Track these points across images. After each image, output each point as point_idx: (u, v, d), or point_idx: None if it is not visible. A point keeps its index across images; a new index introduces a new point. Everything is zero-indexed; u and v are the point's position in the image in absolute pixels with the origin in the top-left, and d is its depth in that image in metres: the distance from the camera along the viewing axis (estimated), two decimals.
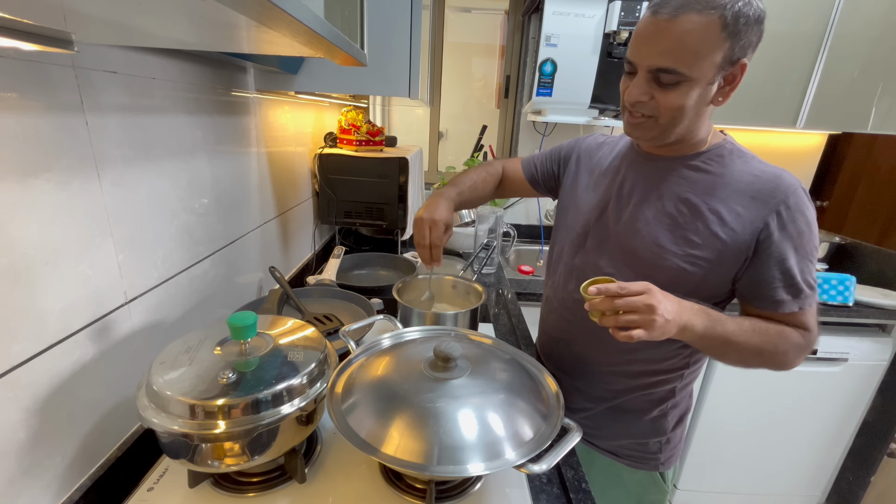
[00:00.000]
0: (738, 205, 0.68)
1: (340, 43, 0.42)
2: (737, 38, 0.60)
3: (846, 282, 1.46)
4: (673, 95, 0.63)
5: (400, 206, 1.41)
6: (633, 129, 0.71)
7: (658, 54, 0.61)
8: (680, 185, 0.72)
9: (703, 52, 0.60)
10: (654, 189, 0.74)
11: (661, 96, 0.64)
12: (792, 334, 0.68)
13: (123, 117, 0.61)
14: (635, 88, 0.65)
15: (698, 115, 0.67)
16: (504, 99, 2.04)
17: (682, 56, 0.60)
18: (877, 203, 1.76)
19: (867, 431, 1.62)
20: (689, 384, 0.84)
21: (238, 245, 0.96)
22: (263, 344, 0.61)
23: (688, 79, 0.62)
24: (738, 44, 0.61)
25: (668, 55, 0.61)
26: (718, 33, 0.59)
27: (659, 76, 0.63)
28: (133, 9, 0.34)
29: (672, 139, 0.70)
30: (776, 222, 0.66)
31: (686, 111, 0.65)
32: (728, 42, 0.60)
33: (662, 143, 0.72)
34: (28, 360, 0.48)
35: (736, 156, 0.71)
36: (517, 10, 1.90)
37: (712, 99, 0.65)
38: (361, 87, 1.00)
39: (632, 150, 0.81)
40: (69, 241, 0.53)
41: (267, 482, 0.61)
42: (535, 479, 0.67)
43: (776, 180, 0.67)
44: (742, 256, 0.68)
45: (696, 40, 0.59)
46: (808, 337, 0.69)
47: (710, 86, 0.64)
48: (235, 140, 0.93)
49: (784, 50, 1.48)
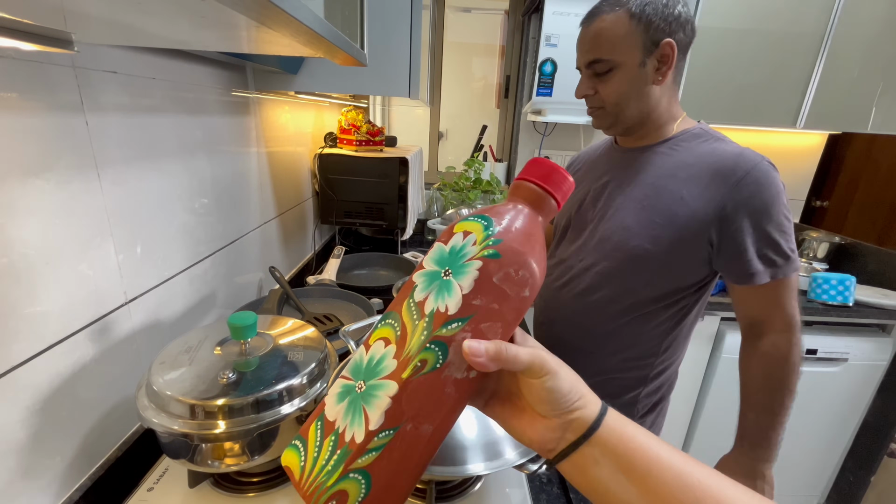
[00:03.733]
0: (699, 184, 0.72)
1: (340, 43, 0.42)
2: (648, 23, 0.70)
3: (846, 282, 1.46)
4: (610, 83, 0.74)
5: (400, 206, 1.41)
6: (594, 121, 0.81)
7: (587, 52, 0.74)
8: (647, 172, 0.78)
9: (618, 40, 0.71)
10: (625, 178, 0.80)
11: (601, 87, 0.75)
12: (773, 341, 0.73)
13: (123, 117, 0.61)
14: (581, 85, 0.78)
15: (643, 96, 0.74)
16: (504, 99, 2.04)
17: (602, 46, 0.72)
18: (877, 203, 1.76)
19: (867, 431, 1.62)
20: (665, 372, 0.86)
21: (238, 245, 0.96)
22: (263, 344, 0.61)
23: (615, 64, 0.72)
24: (652, 27, 0.70)
25: (593, 49, 0.73)
26: (627, 22, 0.70)
27: (594, 68, 0.74)
28: (133, 9, 0.34)
29: (631, 123, 0.77)
30: (737, 197, 0.69)
31: (626, 94, 0.74)
32: (640, 27, 0.70)
33: (624, 130, 0.79)
34: (28, 360, 0.48)
35: (703, 139, 0.76)
36: (517, 10, 1.90)
37: (652, 79, 0.73)
38: (361, 87, 1.00)
39: (611, 146, 0.88)
40: (69, 241, 0.53)
41: (267, 482, 0.61)
42: (535, 479, 0.67)
43: (736, 158, 0.71)
44: (705, 235, 0.72)
45: (610, 32, 0.71)
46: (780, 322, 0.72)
47: (643, 68, 0.72)
48: (235, 140, 0.93)
49: (784, 50, 1.48)
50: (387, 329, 0.29)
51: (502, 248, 0.28)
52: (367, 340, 0.30)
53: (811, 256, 1.78)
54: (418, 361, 0.27)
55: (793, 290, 0.72)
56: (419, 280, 0.29)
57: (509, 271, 0.28)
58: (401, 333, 0.28)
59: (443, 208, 1.98)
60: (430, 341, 0.27)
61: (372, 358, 0.28)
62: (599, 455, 0.27)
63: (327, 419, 0.28)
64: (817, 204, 1.99)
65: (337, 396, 0.28)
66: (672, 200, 0.73)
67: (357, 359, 0.29)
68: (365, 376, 0.28)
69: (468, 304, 0.27)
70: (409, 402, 0.26)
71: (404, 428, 0.26)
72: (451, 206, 1.91)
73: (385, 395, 0.27)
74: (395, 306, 0.30)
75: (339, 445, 0.27)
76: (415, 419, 0.27)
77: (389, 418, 0.26)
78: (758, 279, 0.70)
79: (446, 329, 0.27)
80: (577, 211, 0.87)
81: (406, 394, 0.26)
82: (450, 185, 1.93)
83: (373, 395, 0.27)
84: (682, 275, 0.76)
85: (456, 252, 0.29)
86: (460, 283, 0.27)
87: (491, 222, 0.29)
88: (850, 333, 1.51)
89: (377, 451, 0.26)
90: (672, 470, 0.26)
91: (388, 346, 0.28)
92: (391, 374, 0.27)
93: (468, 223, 0.30)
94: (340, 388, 0.29)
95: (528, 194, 0.31)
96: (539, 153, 1.91)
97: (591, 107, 0.79)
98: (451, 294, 0.27)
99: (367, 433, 0.26)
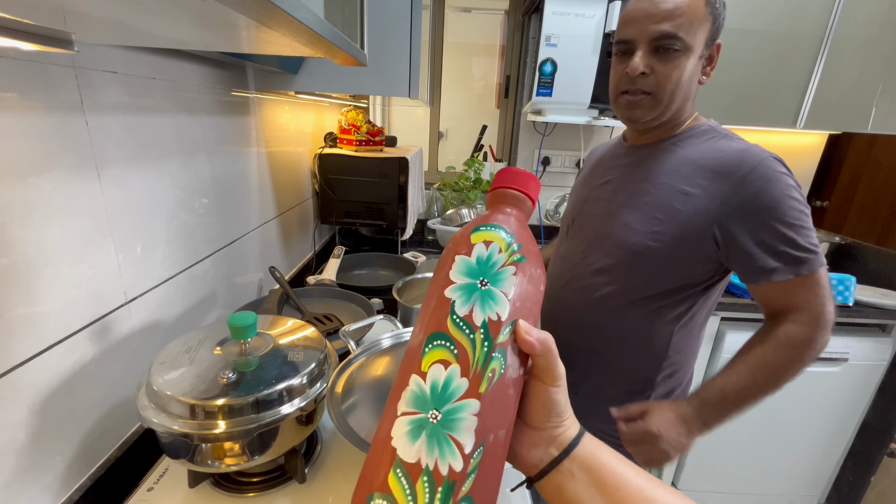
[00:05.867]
0: (703, 180, 0.69)
1: (340, 43, 0.42)
2: (716, 16, 0.68)
3: (846, 282, 1.46)
4: (671, 65, 0.68)
5: (400, 206, 1.41)
6: (633, 109, 0.73)
7: (658, 22, 0.66)
8: (650, 168, 0.76)
9: (695, 21, 0.66)
10: (628, 175, 0.79)
11: (660, 67, 0.68)
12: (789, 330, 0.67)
13: (123, 117, 0.61)
14: (639, 59, 0.68)
15: (689, 94, 0.72)
16: (504, 99, 2.04)
17: (681, 21, 0.66)
18: (877, 203, 1.76)
19: (867, 431, 1.62)
20: (674, 376, 0.83)
21: (238, 245, 0.96)
22: (263, 344, 0.61)
23: (686, 46, 0.67)
24: (717, 22, 0.68)
25: (668, 20, 0.66)
26: (703, 7, 0.66)
27: (661, 44, 0.67)
28: (133, 9, 0.34)
29: (669, 115, 0.73)
30: (742, 194, 0.66)
31: (682, 84, 0.69)
32: (711, 18, 0.67)
33: (657, 123, 0.75)
34: (28, 360, 0.48)
35: (710, 136, 0.74)
36: (517, 10, 1.90)
37: (701, 76, 0.71)
38: (361, 87, 1.00)
39: (618, 144, 0.86)
40: (69, 241, 0.53)
41: (267, 482, 0.61)
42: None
43: (741, 154, 0.68)
44: (709, 232, 0.69)
45: (690, 9, 0.66)
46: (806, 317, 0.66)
47: (700, 60, 0.69)
48: (235, 140, 0.93)
49: (784, 50, 1.48)
50: (440, 351, 0.28)
51: (525, 252, 0.30)
52: (417, 368, 0.28)
53: None
54: (489, 372, 0.27)
55: (821, 286, 0.66)
56: (455, 295, 0.29)
57: (533, 271, 0.30)
58: (459, 351, 0.27)
59: (443, 208, 1.98)
60: (494, 351, 0.28)
61: (436, 384, 0.27)
62: (577, 470, 0.29)
63: (407, 462, 0.26)
64: (817, 204, 1.99)
65: (409, 436, 0.26)
66: (674, 197, 0.71)
67: (415, 390, 0.27)
68: (436, 404, 0.27)
69: (514, 308, 0.29)
70: (490, 414, 0.27)
71: (489, 441, 0.27)
72: (451, 206, 1.91)
73: (469, 414, 0.26)
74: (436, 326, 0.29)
75: (437, 483, 0.25)
76: (495, 429, 0.27)
77: (478, 436, 0.26)
78: (776, 276, 0.66)
79: (503, 335, 0.28)
80: (581, 209, 0.86)
81: (486, 407, 0.27)
82: (450, 185, 1.93)
83: (455, 420, 0.26)
84: (686, 272, 0.73)
85: (484, 262, 0.30)
86: (503, 290, 0.29)
87: (505, 229, 0.31)
88: (850, 333, 1.51)
89: (474, 472, 0.26)
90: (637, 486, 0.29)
91: (451, 367, 0.27)
92: (467, 392, 0.27)
93: (484, 233, 0.31)
94: (410, 426, 0.26)
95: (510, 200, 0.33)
96: (539, 153, 1.91)
97: (637, 90, 0.71)
98: (498, 301, 0.29)
99: (464, 458, 0.25)
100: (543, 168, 1.93)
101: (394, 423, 0.27)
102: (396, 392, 0.28)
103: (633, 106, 0.73)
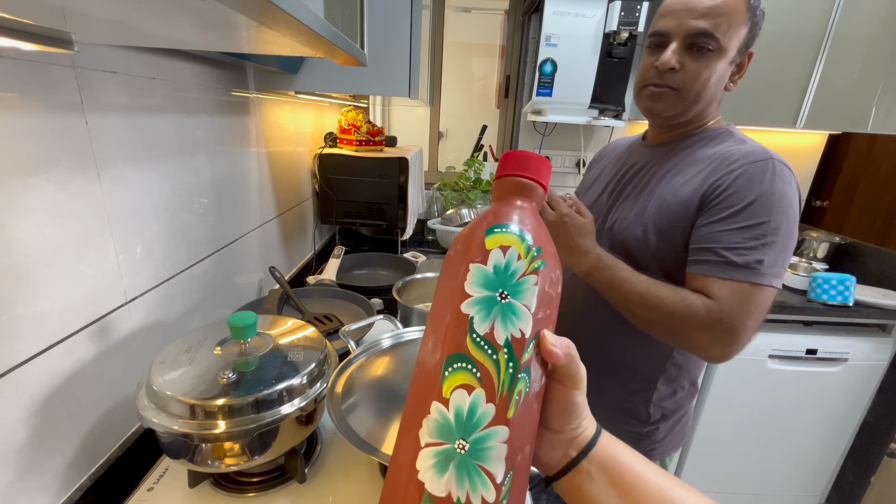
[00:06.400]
0: (696, 175, 0.71)
1: (340, 43, 0.42)
2: (754, 22, 0.66)
3: (846, 282, 1.46)
4: (702, 64, 0.67)
5: (400, 206, 1.41)
6: (656, 101, 0.72)
7: (697, 18, 0.65)
8: (659, 166, 0.77)
9: (733, 23, 0.65)
10: (639, 171, 0.80)
11: (691, 65, 0.67)
12: (690, 296, 0.65)
13: (123, 117, 0.61)
14: (671, 54, 0.68)
15: (714, 98, 0.71)
16: (504, 99, 2.04)
17: (718, 21, 0.64)
18: (877, 203, 1.76)
19: (867, 431, 1.62)
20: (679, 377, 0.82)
21: (238, 245, 0.96)
22: (263, 344, 0.61)
23: (719, 47, 0.65)
24: (754, 30, 0.67)
25: (706, 18, 0.65)
26: (744, 10, 0.65)
27: (696, 41, 0.66)
28: (133, 9, 0.34)
29: (687, 117, 0.73)
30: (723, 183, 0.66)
31: (710, 86, 0.68)
32: (749, 23, 0.66)
33: (677, 122, 0.74)
34: (28, 360, 0.48)
35: (723, 138, 0.73)
36: (517, 10, 1.90)
37: (728, 81, 0.70)
38: (361, 87, 1.00)
39: (636, 142, 0.86)
40: (69, 241, 0.53)
41: (267, 482, 0.61)
42: (535, 479, 0.67)
43: (739, 154, 0.67)
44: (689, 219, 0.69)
45: (730, 10, 0.64)
46: (712, 305, 0.63)
47: (731, 65, 0.68)
48: (235, 140, 0.93)
49: (784, 50, 1.48)
50: (462, 375, 0.26)
51: (544, 256, 0.28)
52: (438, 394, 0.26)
53: (811, 256, 1.77)
54: (517, 395, 0.26)
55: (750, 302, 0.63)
56: (473, 310, 0.27)
57: (552, 275, 0.28)
58: (482, 374, 0.26)
59: (443, 208, 1.98)
60: (519, 372, 0.26)
61: (460, 412, 0.25)
62: (595, 470, 0.29)
63: (437, 497, 0.24)
64: (817, 204, 1.99)
65: (436, 468, 0.25)
66: (669, 191, 0.72)
67: (438, 419, 0.26)
68: (462, 434, 0.25)
69: (536, 321, 0.27)
70: (518, 437, 0.26)
71: (517, 462, 0.26)
72: (451, 206, 1.91)
73: (499, 442, 0.25)
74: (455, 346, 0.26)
75: None
76: (522, 448, 0.27)
77: (508, 462, 0.25)
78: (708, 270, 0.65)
79: (527, 353, 0.27)
80: (593, 205, 0.87)
81: (515, 432, 0.26)
82: (450, 185, 1.93)
83: (485, 449, 0.25)
84: (675, 266, 0.72)
85: (502, 271, 0.27)
86: (524, 304, 0.27)
87: (522, 231, 0.28)
88: (850, 333, 1.51)
89: (506, 499, 0.25)
90: (655, 485, 0.29)
91: (475, 392, 0.25)
92: (494, 419, 0.25)
93: (500, 237, 0.28)
94: (436, 458, 0.25)
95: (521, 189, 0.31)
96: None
97: (663, 84, 0.70)
98: (520, 317, 0.27)
99: (496, 487, 0.24)
100: None
101: (418, 453, 0.25)
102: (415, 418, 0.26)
103: (657, 98, 0.71)
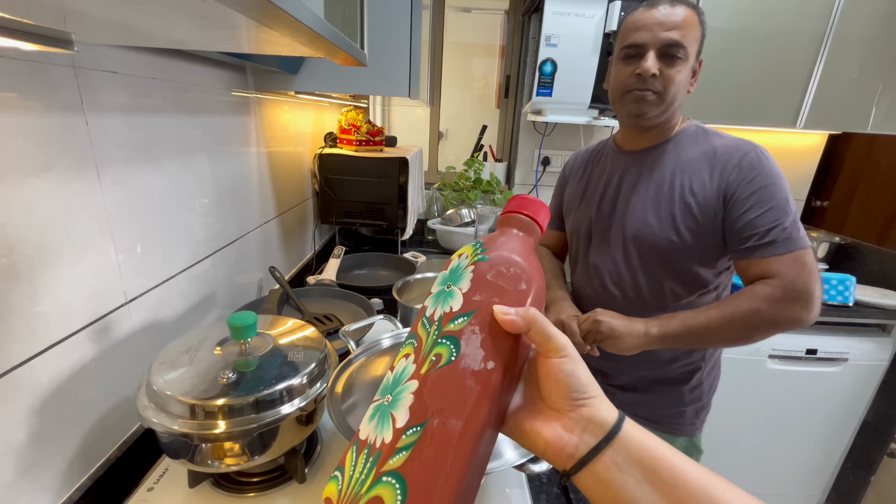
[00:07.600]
0: (705, 175, 0.79)
1: (340, 43, 0.42)
2: (704, 34, 0.78)
3: (846, 282, 1.46)
4: (674, 70, 0.76)
5: (400, 206, 1.41)
6: (641, 105, 0.79)
7: (668, 30, 0.75)
8: (656, 170, 0.83)
9: (693, 35, 0.76)
10: (635, 178, 0.85)
11: (666, 71, 0.76)
12: (755, 288, 0.74)
13: (123, 117, 0.61)
14: (651, 62, 0.76)
15: (681, 100, 0.80)
16: (504, 99, 2.04)
17: (684, 32, 0.75)
18: (877, 203, 1.75)
19: (867, 431, 1.62)
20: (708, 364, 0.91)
21: (238, 245, 0.96)
22: (263, 344, 0.61)
23: (686, 56, 0.76)
24: (703, 39, 0.78)
25: (676, 30, 0.75)
26: (698, 24, 0.76)
27: (668, 50, 0.75)
28: (133, 9, 0.34)
29: (664, 118, 0.81)
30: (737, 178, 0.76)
31: (681, 88, 0.78)
32: (700, 34, 0.77)
33: (655, 123, 0.82)
34: (28, 360, 0.48)
35: (700, 135, 0.83)
36: (517, 10, 1.90)
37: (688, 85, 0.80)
38: (361, 87, 1.00)
39: (612, 150, 0.92)
40: (69, 241, 0.53)
41: (267, 482, 0.61)
42: (534, 479, 0.67)
43: (730, 149, 0.78)
44: (718, 218, 0.78)
45: (690, 25, 0.75)
46: (777, 283, 0.72)
47: (690, 70, 0.78)
48: (235, 140, 0.93)
49: (784, 50, 1.48)
50: (407, 347, 0.31)
51: (489, 253, 0.32)
52: (392, 365, 0.32)
53: None
54: (433, 356, 0.28)
55: (801, 263, 0.72)
56: (429, 301, 0.33)
57: (500, 269, 0.31)
58: (418, 344, 0.30)
59: (443, 208, 1.98)
60: (441, 337, 0.29)
61: (397, 373, 0.30)
62: (624, 462, 0.26)
63: (360, 439, 0.29)
64: (817, 204, 1.99)
65: (368, 417, 0.29)
66: (684, 193, 0.79)
67: (384, 382, 0.31)
68: (391, 389, 0.29)
69: (469, 301, 0.30)
70: (432, 395, 0.27)
71: (431, 423, 0.26)
72: (451, 206, 1.91)
73: (408, 393, 0.28)
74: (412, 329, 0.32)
75: (370, 454, 0.27)
76: (440, 413, 0.26)
77: (414, 414, 0.27)
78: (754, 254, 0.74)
79: (454, 324, 0.29)
80: (596, 217, 0.91)
81: (427, 387, 0.27)
82: (450, 185, 1.93)
83: (398, 399, 0.28)
84: (709, 260, 0.81)
85: (454, 269, 0.33)
86: (459, 287, 0.31)
87: (480, 242, 0.34)
88: (850, 333, 1.51)
89: (407, 449, 0.25)
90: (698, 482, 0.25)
91: (409, 357, 0.30)
92: (412, 375, 0.29)
93: (461, 249, 0.35)
94: (371, 410, 0.30)
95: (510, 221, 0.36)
96: (539, 153, 1.91)
97: (648, 89, 0.77)
98: (453, 297, 0.31)
99: (395, 431, 0.27)
100: (543, 168, 1.94)
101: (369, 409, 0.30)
102: None
103: (643, 101, 0.78)
